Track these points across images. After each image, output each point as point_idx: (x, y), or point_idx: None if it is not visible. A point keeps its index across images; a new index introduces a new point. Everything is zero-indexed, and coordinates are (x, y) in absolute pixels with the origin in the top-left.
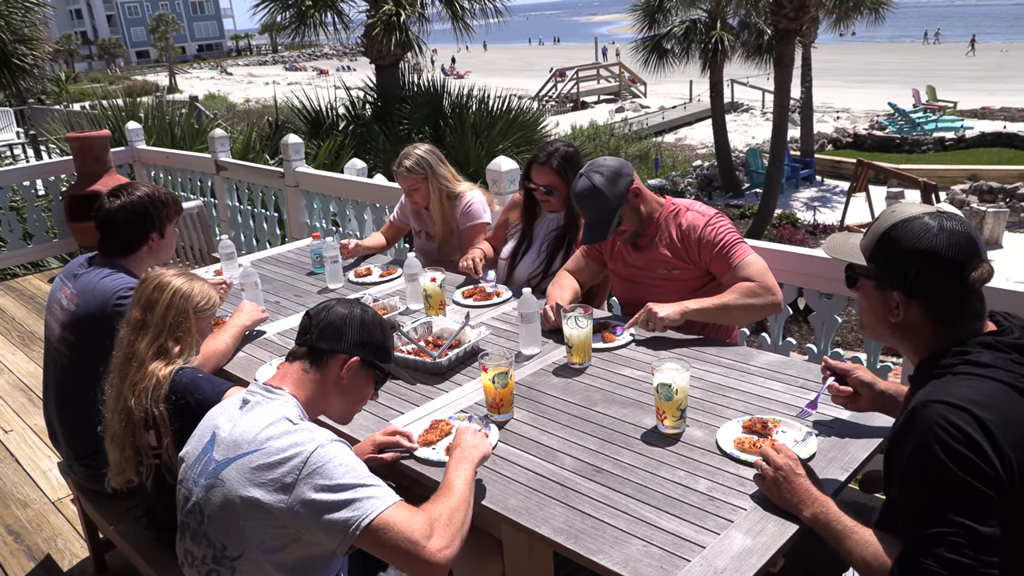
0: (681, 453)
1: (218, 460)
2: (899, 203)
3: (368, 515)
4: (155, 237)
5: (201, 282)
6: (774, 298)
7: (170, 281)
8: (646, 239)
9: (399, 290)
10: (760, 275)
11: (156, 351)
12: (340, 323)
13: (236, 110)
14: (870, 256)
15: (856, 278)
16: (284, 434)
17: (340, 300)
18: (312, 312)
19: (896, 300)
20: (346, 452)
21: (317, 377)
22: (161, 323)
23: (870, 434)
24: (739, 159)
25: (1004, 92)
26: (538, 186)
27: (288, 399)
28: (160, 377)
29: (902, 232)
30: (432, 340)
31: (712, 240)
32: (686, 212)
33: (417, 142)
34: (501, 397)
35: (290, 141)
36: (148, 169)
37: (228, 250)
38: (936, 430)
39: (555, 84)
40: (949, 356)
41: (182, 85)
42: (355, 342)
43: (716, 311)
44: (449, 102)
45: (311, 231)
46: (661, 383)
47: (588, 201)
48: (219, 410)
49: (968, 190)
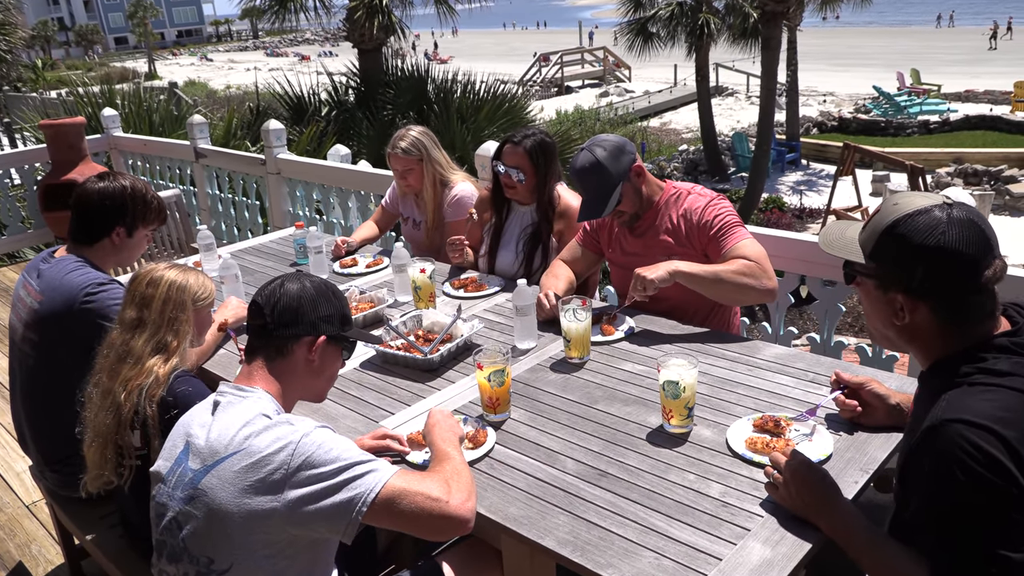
0: (690, 455)
1: (195, 469)
2: (902, 194)
3: (372, 489)
4: (121, 232)
5: (196, 273)
6: (769, 283)
7: (163, 275)
8: (645, 223)
9: (387, 281)
10: (758, 257)
11: (154, 347)
12: (295, 304)
13: (217, 97)
14: (871, 253)
15: (855, 276)
16: (264, 430)
17: (284, 277)
18: (260, 299)
19: (900, 302)
20: (332, 436)
21: (285, 366)
22: (159, 319)
23: (887, 430)
24: (725, 143)
25: (987, 75)
26: (507, 168)
27: (261, 395)
28: (159, 375)
29: (907, 228)
30: (423, 335)
31: (710, 221)
32: (687, 196)
33: (402, 127)
34: (497, 396)
35: (271, 127)
36: (125, 157)
37: (207, 241)
38: (958, 453)
39: (539, 69)
40: (964, 362)
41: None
42: (316, 319)
43: (707, 280)
44: (433, 87)
45: (294, 219)
46: (667, 380)
47: (589, 174)
48: (189, 418)
49: (953, 173)
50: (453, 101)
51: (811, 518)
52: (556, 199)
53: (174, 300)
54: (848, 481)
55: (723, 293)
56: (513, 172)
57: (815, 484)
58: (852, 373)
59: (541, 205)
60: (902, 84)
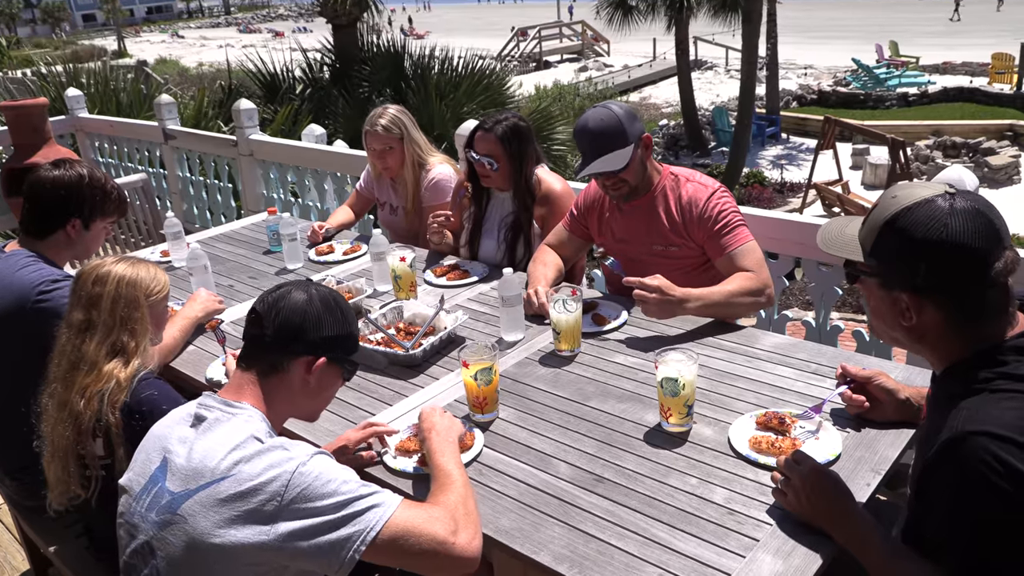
0: (690, 456)
1: (174, 492)
2: (901, 185)
3: (373, 527)
4: (76, 224)
5: (146, 265)
6: (769, 293)
7: (111, 270)
8: (641, 207)
9: (365, 269)
10: (758, 266)
11: (109, 349)
12: (299, 320)
13: (189, 75)
14: (871, 250)
15: (857, 276)
16: (255, 456)
17: (292, 286)
18: (261, 308)
19: (905, 302)
20: (331, 464)
21: (278, 383)
22: (110, 319)
23: (896, 426)
24: (705, 118)
25: (963, 47)
26: (479, 156)
27: (252, 414)
28: (120, 380)
29: (907, 222)
30: (404, 328)
31: (712, 216)
32: (686, 183)
33: (379, 104)
34: (485, 395)
35: (242, 107)
36: (92, 139)
37: (175, 229)
38: (981, 468)
39: (517, 44)
40: (981, 366)
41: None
42: (319, 339)
43: (720, 306)
44: (411, 63)
45: (268, 202)
46: (666, 377)
47: (605, 128)
48: (165, 429)
49: (932, 146)
50: (431, 78)
51: (824, 527)
52: (536, 184)
53: (125, 297)
54: (860, 483)
55: (730, 313)
56: (486, 160)
57: (828, 491)
58: (858, 365)
59: (519, 192)
60: (881, 56)
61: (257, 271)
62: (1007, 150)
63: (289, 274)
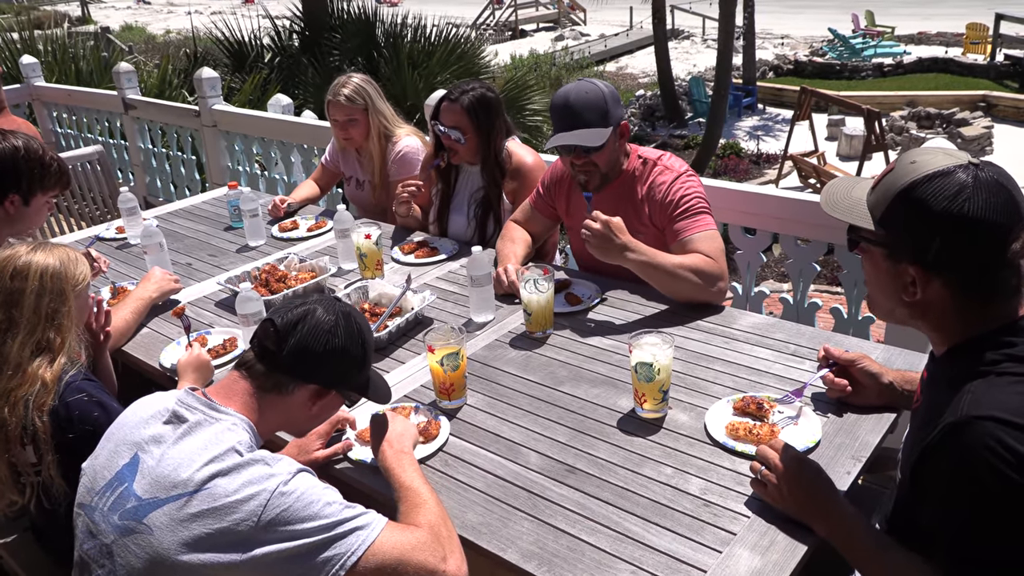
0: (666, 444)
1: (141, 497)
2: (920, 151)
3: (354, 551)
4: (15, 200)
5: (65, 250)
6: (722, 286)
7: (30, 261)
8: (609, 192)
9: (330, 247)
10: (716, 254)
11: (34, 348)
12: (320, 349)
13: (156, 42)
14: (881, 218)
15: (859, 242)
16: (233, 471)
17: (317, 303)
18: (280, 323)
19: (912, 275)
20: (314, 484)
21: (277, 401)
22: (34, 316)
23: (878, 411)
24: (681, 88)
25: (939, 17)
26: (445, 128)
27: (237, 421)
28: (46, 380)
29: (925, 192)
30: (369, 308)
31: (675, 200)
32: (653, 168)
33: (351, 73)
34: (452, 381)
35: (204, 76)
36: (49, 109)
37: (130, 204)
38: (985, 454)
39: (492, 12)
40: (988, 348)
41: (96, 16)
42: (337, 374)
43: (665, 273)
44: (383, 31)
45: (233, 175)
46: (640, 362)
47: (585, 104)
48: (140, 419)
49: (907, 116)
50: (404, 46)
51: (805, 519)
52: (506, 157)
53: (50, 291)
54: (840, 471)
55: (670, 286)
56: (452, 132)
57: (810, 482)
58: (839, 347)
59: (488, 166)
60: (857, 26)
61: (217, 248)
62: (980, 121)
63: (251, 251)
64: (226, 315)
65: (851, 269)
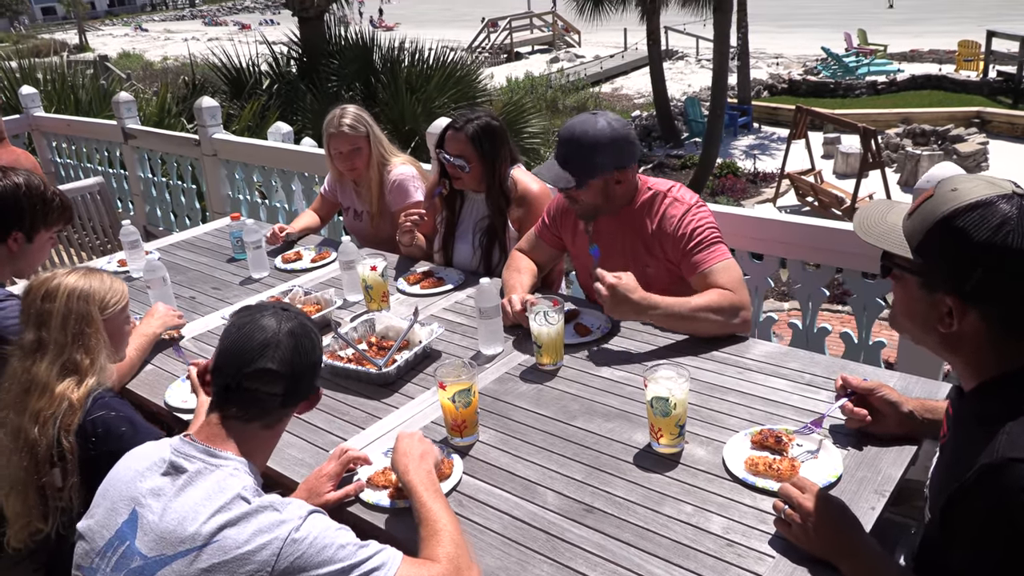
0: (684, 481)
1: (147, 556)
2: (959, 177)
3: None
4: (18, 237)
5: (100, 275)
6: (745, 316)
7: (60, 283)
8: (617, 223)
9: (334, 278)
10: (735, 286)
11: (61, 370)
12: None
13: (153, 69)
14: (918, 246)
15: (892, 269)
16: (242, 520)
17: (262, 318)
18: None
19: (948, 306)
20: (326, 526)
21: (270, 436)
22: (62, 337)
23: (899, 441)
24: (677, 108)
25: (929, 34)
26: (449, 157)
27: (238, 466)
28: (73, 400)
29: (967, 222)
30: (376, 342)
31: (687, 233)
32: (663, 200)
33: (347, 101)
34: (464, 418)
35: (204, 105)
36: (48, 139)
37: (132, 237)
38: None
39: (488, 35)
40: None
41: (94, 43)
42: (305, 388)
43: (686, 319)
44: (380, 56)
45: (234, 204)
46: (656, 397)
47: (575, 144)
48: (134, 475)
49: (902, 134)
50: (401, 71)
51: (831, 559)
52: (512, 185)
53: (76, 312)
54: (864, 507)
55: (693, 329)
56: (457, 160)
57: (834, 520)
58: (856, 376)
59: (492, 194)
60: (850, 45)
61: (221, 281)
62: (975, 137)
63: (254, 283)
64: None
65: (860, 294)
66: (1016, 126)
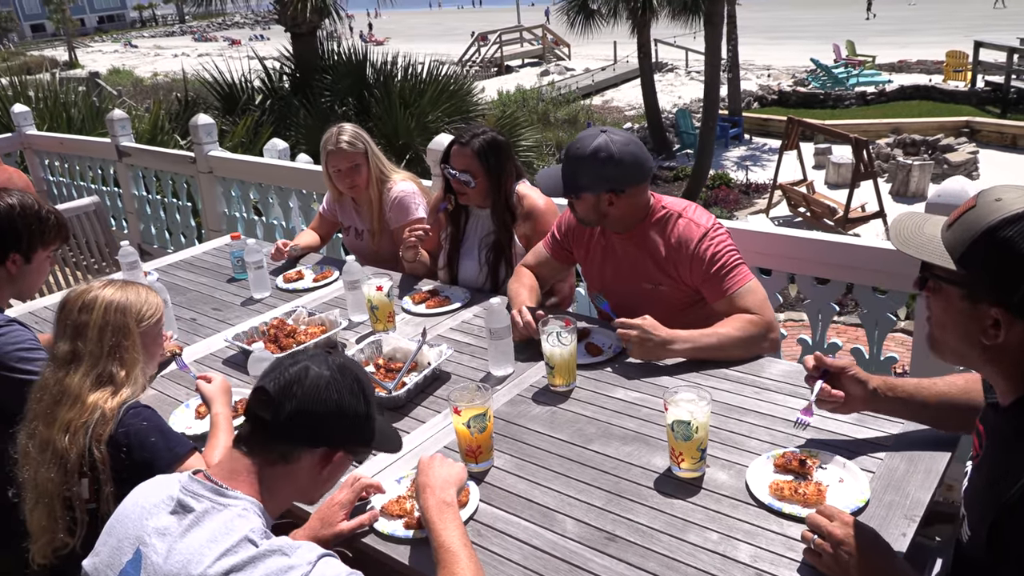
0: (707, 506)
1: None
2: (1002, 188)
3: None
4: (17, 259)
5: (136, 288)
6: (774, 336)
7: (98, 295)
8: (629, 241)
9: (338, 298)
10: (761, 307)
11: (95, 381)
12: (320, 409)
13: (143, 85)
14: (961, 257)
15: (928, 279)
16: (249, 564)
17: (308, 360)
18: (272, 388)
19: (994, 317)
20: (337, 570)
21: (284, 474)
22: (97, 349)
23: (922, 458)
24: (668, 120)
25: (916, 45)
26: (455, 172)
27: (248, 506)
28: (106, 411)
29: (1013, 232)
30: (384, 364)
31: (707, 258)
32: (678, 220)
33: (341, 116)
34: (479, 443)
35: (199, 122)
36: (41, 157)
37: (130, 258)
38: None
39: (478, 49)
40: None
41: (83, 60)
42: (339, 432)
43: (714, 349)
44: (373, 71)
45: (230, 221)
46: (677, 420)
47: (575, 156)
48: (140, 512)
49: (892, 143)
50: (394, 86)
51: None
52: (517, 201)
53: (113, 324)
54: (895, 533)
55: (721, 356)
56: (462, 175)
57: (866, 550)
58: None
59: (498, 209)
60: (838, 56)
61: (221, 301)
62: (965, 147)
63: (256, 304)
64: (235, 373)
65: (871, 309)
66: (1005, 135)
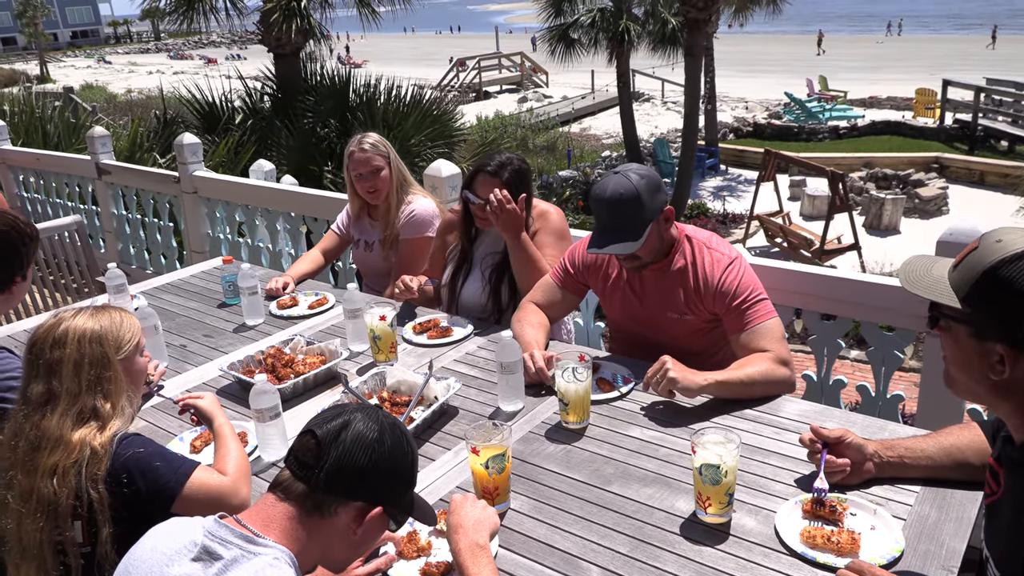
0: (737, 555)
1: None
2: (1004, 229)
3: None
4: (19, 280)
5: (109, 312)
6: (793, 375)
7: (69, 327)
8: (656, 272)
9: (334, 326)
10: (780, 345)
11: (76, 418)
12: (364, 464)
13: (117, 101)
14: (966, 296)
15: (939, 319)
16: None
17: (359, 412)
18: (320, 433)
19: (999, 353)
20: None
21: (319, 525)
22: (75, 386)
23: (951, 504)
24: (646, 149)
25: (886, 82)
26: (482, 200)
27: (280, 555)
28: (96, 447)
29: (1013, 271)
30: (388, 397)
31: (731, 291)
32: (703, 251)
33: (323, 137)
34: (497, 485)
35: (185, 141)
36: (15, 172)
37: (117, 281)
38: None
39: (456, 74)
40: None
41: (55, 75)
42: (381, 489)
43: (740, 387)
44: (355, 94)
45: (213, 242)
46: (706, 464)
47: (623, 204)
48: (161, 555)
49: (865, 177)
50: (378, 109)
51: None
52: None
53: (90, 357)
54: None
55: (745, 394)
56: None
57: None
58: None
59: None
60: (812, 90)
61: (213, 328)
62: (935, 182)
63: (249, 331)
64: (230, 404)
65: (879, 346)
66: (973, 171)
